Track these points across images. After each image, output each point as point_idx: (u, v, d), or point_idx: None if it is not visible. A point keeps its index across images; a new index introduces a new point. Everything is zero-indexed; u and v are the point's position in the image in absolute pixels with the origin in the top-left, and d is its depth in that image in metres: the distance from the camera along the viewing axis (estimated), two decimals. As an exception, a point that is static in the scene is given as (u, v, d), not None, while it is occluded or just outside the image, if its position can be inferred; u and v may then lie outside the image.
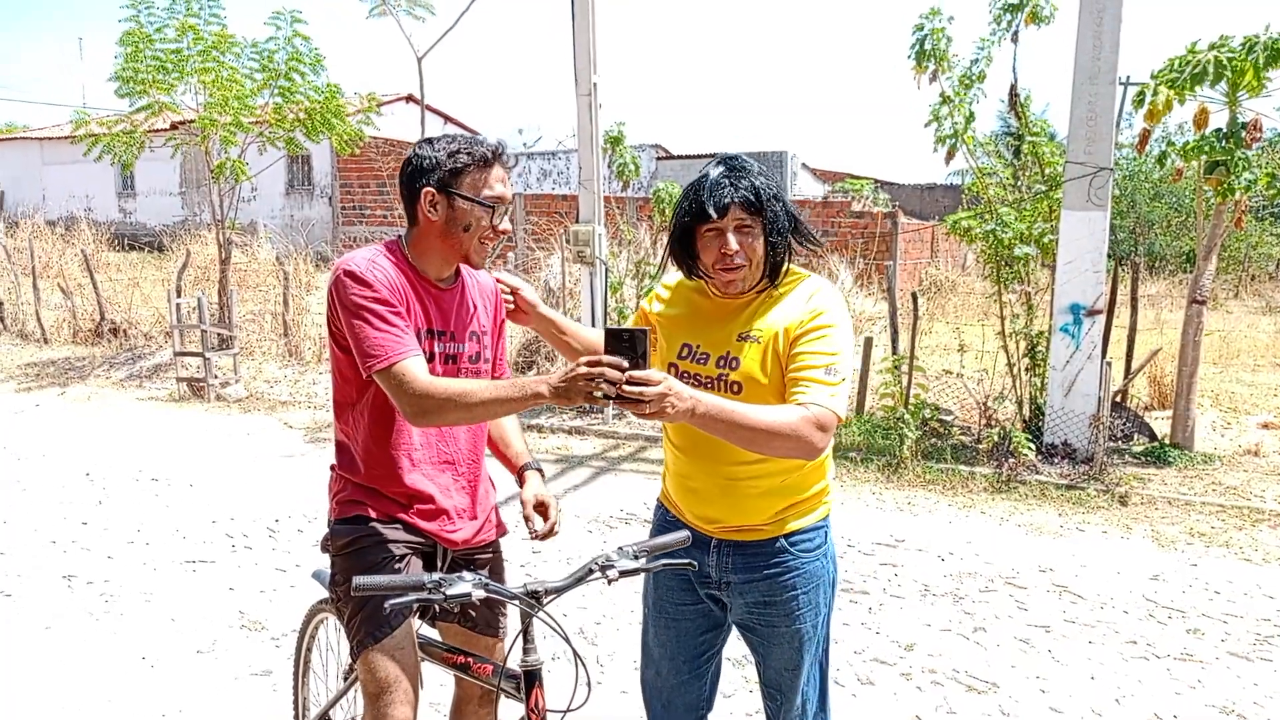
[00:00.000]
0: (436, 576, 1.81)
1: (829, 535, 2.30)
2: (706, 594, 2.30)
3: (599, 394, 1.80)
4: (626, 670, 3.81)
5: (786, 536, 2.21)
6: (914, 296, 8.33)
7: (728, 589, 2.25)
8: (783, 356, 2.10)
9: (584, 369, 1.81)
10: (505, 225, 2.22)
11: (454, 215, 2.15)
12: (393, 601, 1.76)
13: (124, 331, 12.17)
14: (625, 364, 1.79)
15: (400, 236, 2.26)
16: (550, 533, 2.30)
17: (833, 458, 2.33)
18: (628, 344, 1.80)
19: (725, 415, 1.91)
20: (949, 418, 7.68)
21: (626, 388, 1.78)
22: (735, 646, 3.72)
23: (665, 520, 2.36)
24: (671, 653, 2.37)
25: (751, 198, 2.08)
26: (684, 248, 2.18)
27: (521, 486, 2.39)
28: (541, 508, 2.31)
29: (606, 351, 1.81)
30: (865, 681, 3.77)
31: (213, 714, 3.52)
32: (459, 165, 2.13)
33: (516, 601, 1.88)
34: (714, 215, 2.07)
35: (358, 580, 1.78)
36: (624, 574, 1.93)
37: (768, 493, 2.18)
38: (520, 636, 1.92)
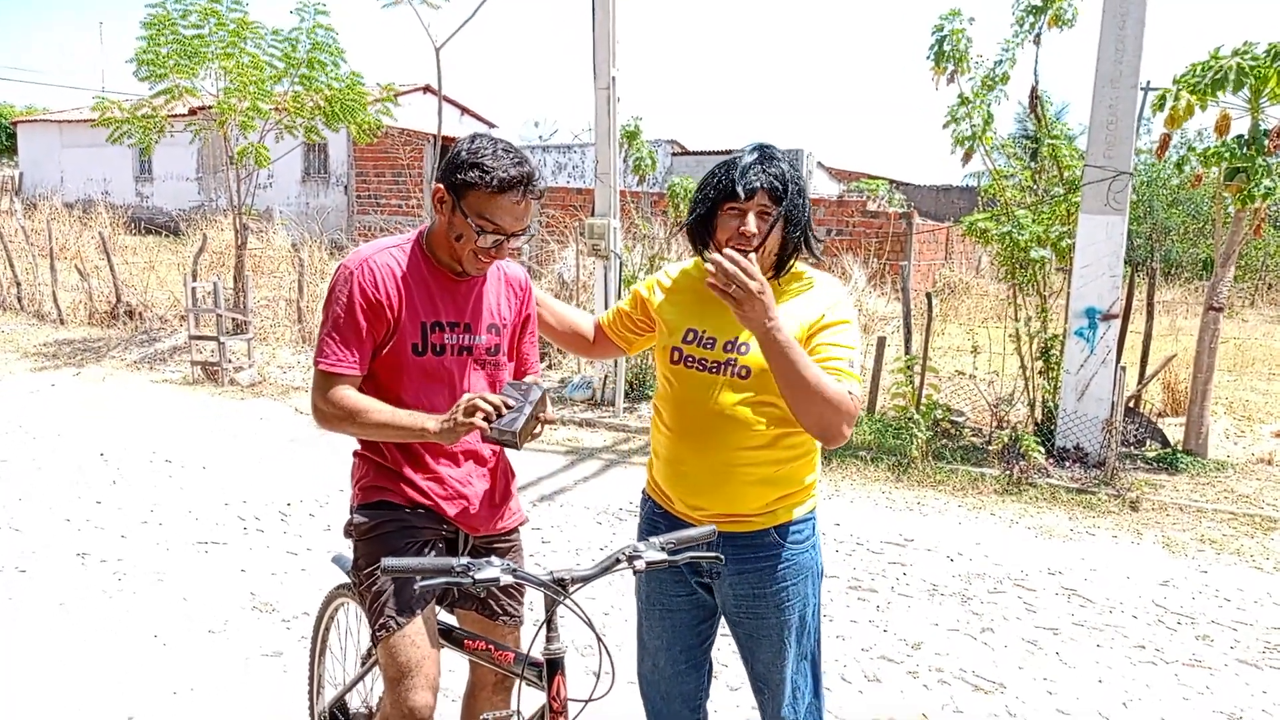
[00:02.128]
0: (465, 560, 1.82)
1: (816, 527, 2.32)
2: (698, 583, 2.32)
3: (477, 418, 2.03)
4: (626, 656, 3.82)
5: (777, 528, 2.22)
6: (928, 297, 8.31)
7: (717, 580, 2.27)
8: (805, 348, 2.11)
9: (461, 415, 2.03)
10: (502, 252, 2.19)
11: (453, 220, 2.16)
12: (422, 584, 1.78)
13: (139, 314, 12.23)
14: (510, 404, 2.04)
15: (429, 224, 2.29)
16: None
17: (836, 454, 2.34)
18: (523, 391, 2.11)
19: (795, 352, 1.99)
20: (960, 419, 7.66)
21: (731, 258, 1.95)
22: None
23: (654, 514, 2.34)
24: (668, 644, 2.37)
25: (779, 186, 2.10)
26: (704, 225, 2.20)
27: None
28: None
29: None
30: (872, 679, 3.78)
31: (223, 693, 3.55)
32: (470, 180, 2.10)
33: (543, 588, 1.87)
34: (741, 195, 2.10)
35: (387, 562, 1.78)
36: (651, 565, 1.93)
37: (762, 481, 2.19)
38: (544, 624, 1.91)
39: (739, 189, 2.10)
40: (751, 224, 2.10)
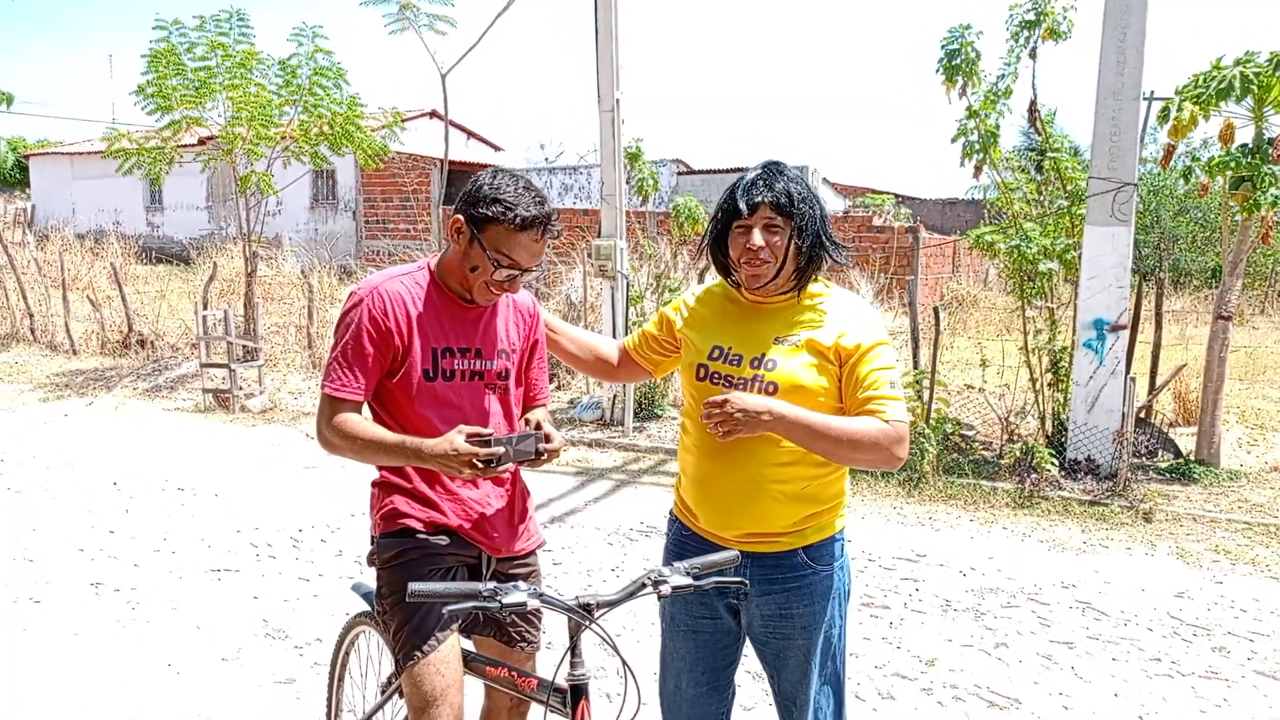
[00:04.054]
0: (491, 585, 1.82)
1: (844, 547, 2.31)
2: (725, 605, 2.31)
3: (460, 441, 2.06)
4: (646, 681, 3.81)
5: (805, 549, 2.21)
6: (935, 311, 8.30)
7: (745, 600, 2.26)
8: (838, 370, 2.15)
9: (458, 452, 2.05)
10: (515, 286, 2.23)
11: (469, 251, 2.19)
12: (450, 608, 1.77)
13: (151, 343, 12.32)
14: (499, 452, 2.05)
15: (442, 251, 2.32)
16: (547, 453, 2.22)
17: (851, 471, 2.34)
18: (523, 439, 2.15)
19: (809, 422, 2.03)
20: (971, 433, 7.64)
21: (705, 406, 2.06)
22: (755, 660, 3.72)
23: (682, 535, 2.34)
24: (691, 665, 2.36)
25: (783, 200, 2.13)
26: (719, 244, 2.24)
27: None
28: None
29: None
30: (886, 696, 3.76)
31: (237, 721, 3.56)
32: (491, 214, 2.13)
33: (569, 613, 1.86)
34: (744, 211, 2.14)
35: (414, 587, 1.78)
36: (676, 590, 1.92)
37: (791, 498, 2.18)
38: (569, 649, 1.89)
39: (741, 205, 2.14)
40: (757, 238, 2.13)
